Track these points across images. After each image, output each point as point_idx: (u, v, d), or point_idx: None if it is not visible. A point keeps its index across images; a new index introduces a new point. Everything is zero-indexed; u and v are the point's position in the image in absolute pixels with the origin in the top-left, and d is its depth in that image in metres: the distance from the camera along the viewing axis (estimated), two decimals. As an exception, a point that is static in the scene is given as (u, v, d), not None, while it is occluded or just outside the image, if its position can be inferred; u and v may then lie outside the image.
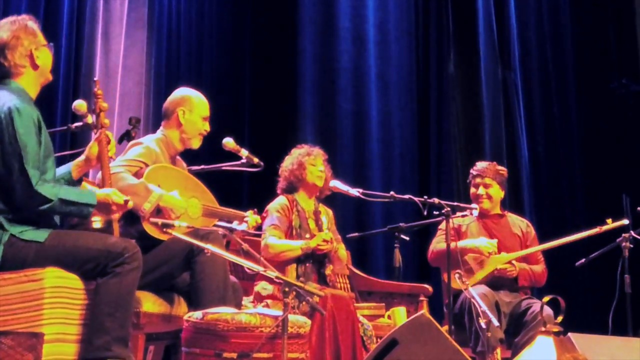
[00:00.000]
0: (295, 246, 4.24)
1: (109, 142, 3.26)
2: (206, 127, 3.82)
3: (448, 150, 6.75)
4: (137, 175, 3.48)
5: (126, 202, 3.12)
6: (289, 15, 6.71)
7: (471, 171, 4.84)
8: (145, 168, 3.53)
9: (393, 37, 6.93)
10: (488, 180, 4.75)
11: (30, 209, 2.99)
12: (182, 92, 3.87)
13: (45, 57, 3.19)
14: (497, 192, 4.78)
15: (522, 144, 6.92)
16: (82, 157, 3.31)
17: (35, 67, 3.16)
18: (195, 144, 3.81)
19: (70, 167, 3.30)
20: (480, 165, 4.83)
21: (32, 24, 3.19)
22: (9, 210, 3.00)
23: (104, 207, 3.10)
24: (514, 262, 4.53)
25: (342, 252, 4.48)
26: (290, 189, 4.47)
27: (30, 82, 3.18)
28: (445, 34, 6.93)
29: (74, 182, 3.31)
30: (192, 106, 3.80)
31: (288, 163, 4.50)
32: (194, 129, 3.78)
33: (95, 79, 3.44)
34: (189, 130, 3.78)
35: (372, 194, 4.55)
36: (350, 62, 6.81)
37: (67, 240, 3.07)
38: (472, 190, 4.79)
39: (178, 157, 3.88)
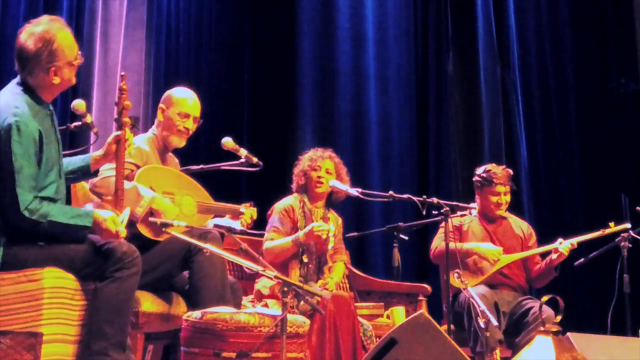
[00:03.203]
0: (287, 241, 4.23)
1: (127, 140, 3.24)
2: (187, 124, 3.75)
3: (447, 150, 6.74)
4: (129, 177, 3.47)
5: (117, 233, 3.05)
6: (287, 15, 6.71)
7: (488, 176, 4.73)
8: (137, 169, 3.52)
9: (392, 37, 6.93)
10: (508, 188, 4.74)
11: (20, 230, 2.97)
12: (168, 91, 3.86)
13: (66, 74, 3.12)
14: (510, 197, 4.78)
15: (521, 144, 6.92)
16: (101, 151, 3.30)
17: (51, 82, 3.10)
18: (176, 141, 3.76)
19: (89, 160, 3.29)
20: (498, 171, 4.75)
21: (62, 40, 3.08)
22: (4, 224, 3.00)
23: (96, 228, 3.06)
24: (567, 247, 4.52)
25: (339, 271, 4.49)
26: (300, 191, 4.49)
27: (47, 90, 3.13)
28: (444, 33, 6.93)
29: (91, 174, 3.32)
30: (169, 103, 3.77)
31: (297, 167, 4.52)
32: (170, 125, 3.74)
33: (122, 73, 3.38)
34: (166, 127, 3.76)
35: (371, 194, 4.54)
36: (349, 62, 6.81)
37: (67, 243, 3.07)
38: (494, 198, 4.71)
39: (171, 154, 3.87)
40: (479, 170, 4.82)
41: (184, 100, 3.78)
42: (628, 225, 4.73)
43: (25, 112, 3.00)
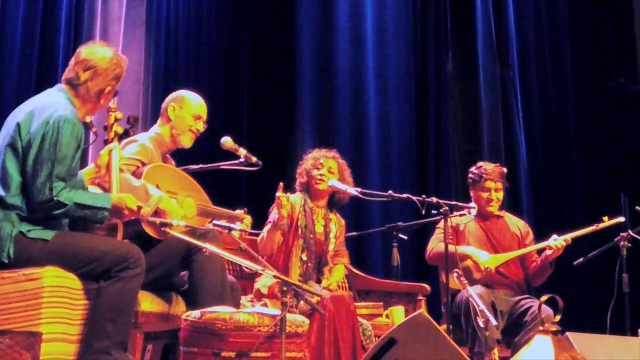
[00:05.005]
0: (268, 228, 4.22)
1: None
2: (199, 126, 3.82)
3: (446, 150, 6.74)
4: (135, 174, 3.47)
5: (139, 208, 3.15)
6: (287, 15, 6.71)
7: (479, 173, 4.74)
8: (142, 167, 3.53)
9: (391, 37, 6.92)
10: (500, 185, 4.73)
11: (46, 212, 3.04)
12: (178, 92, 3.91)
13: (108, 100, 3.31)
14: (502, 195, 4.78)
15: (520, 143, 6.93)
16: (92, 165, 3.36)
17: (97, 101, 3.27)
18: (185, 141, 3.81)
19: (82, 176, 3.32)
20: (489, 168, 4.75)
21: (125, 67, 3.31)
22: (24, 208, 3.05)
23: (117, 211, 3.13)
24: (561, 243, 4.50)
25: (340, 274, 4.48)
26: (303, 189, 4.50)
27: (84, 108, 3.26)
28: (443, 33, 6.92)
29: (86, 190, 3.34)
30: (183, 103, 3.83)
31: (301, 166, 4.53)
32: (183, 124, 3.79)
33: None
34: (178, 126, 3.79)
35: (371, 194, 4.54)
36: (349, 62, 6.80)
37: (72, 240, 3.10)
38: (484, 194, 4.71)
39: (168, 156, 3.88)
40: (472, 168, 4.84)
41: (199, 103, 3.86)
42: (622, 219, 4.71)
43: (75, 115, 3.14)
